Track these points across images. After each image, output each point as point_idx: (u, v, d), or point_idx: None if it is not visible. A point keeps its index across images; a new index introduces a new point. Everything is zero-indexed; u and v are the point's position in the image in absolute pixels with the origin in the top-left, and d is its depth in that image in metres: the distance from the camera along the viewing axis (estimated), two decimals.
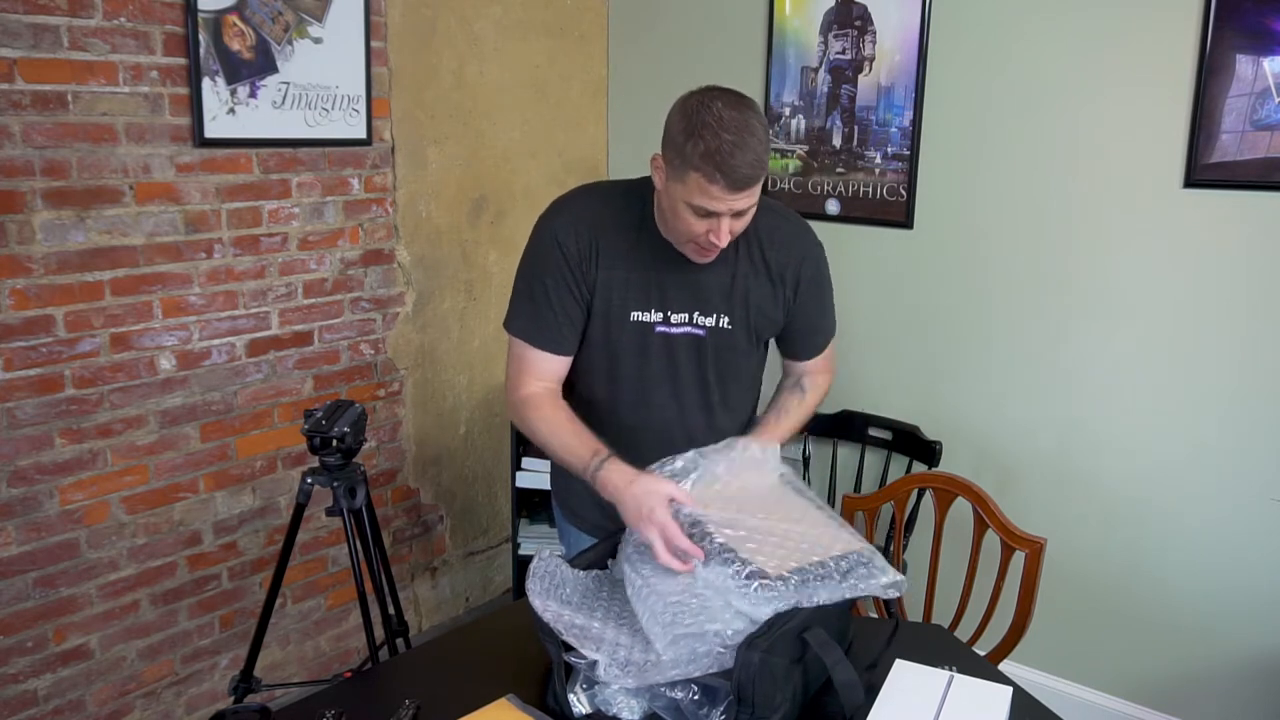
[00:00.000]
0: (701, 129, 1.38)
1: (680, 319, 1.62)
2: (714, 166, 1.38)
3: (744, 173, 1.39)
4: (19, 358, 2.12)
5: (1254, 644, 2.42)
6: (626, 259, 1.59)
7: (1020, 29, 2.55)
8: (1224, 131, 2.29)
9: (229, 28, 2.32)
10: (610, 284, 1.59)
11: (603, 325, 1.62)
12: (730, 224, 1.46)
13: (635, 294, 1.60)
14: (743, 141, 1.38)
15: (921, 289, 2.82)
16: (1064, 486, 2.64)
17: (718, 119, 1.38)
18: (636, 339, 1.62)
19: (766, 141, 1.43)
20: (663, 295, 1.61)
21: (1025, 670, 2.70)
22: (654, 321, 1.62)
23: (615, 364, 1.65)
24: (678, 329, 1.62)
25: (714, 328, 1.63)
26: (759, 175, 1.42)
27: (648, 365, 1.65)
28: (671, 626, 1.20)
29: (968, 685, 1.29)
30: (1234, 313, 2.35)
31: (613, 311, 1.61)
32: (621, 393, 1.68)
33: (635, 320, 1.61)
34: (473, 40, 2.94)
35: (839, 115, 2.88)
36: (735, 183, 1.40)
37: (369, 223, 2.75)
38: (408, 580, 3.06)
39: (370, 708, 1.34)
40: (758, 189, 1.45)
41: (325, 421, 2.12)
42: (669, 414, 1.68)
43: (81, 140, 2.14)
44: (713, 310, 1.62)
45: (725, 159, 1.37)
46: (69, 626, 2.28)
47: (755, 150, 1.39)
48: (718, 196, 1.41)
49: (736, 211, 1.45)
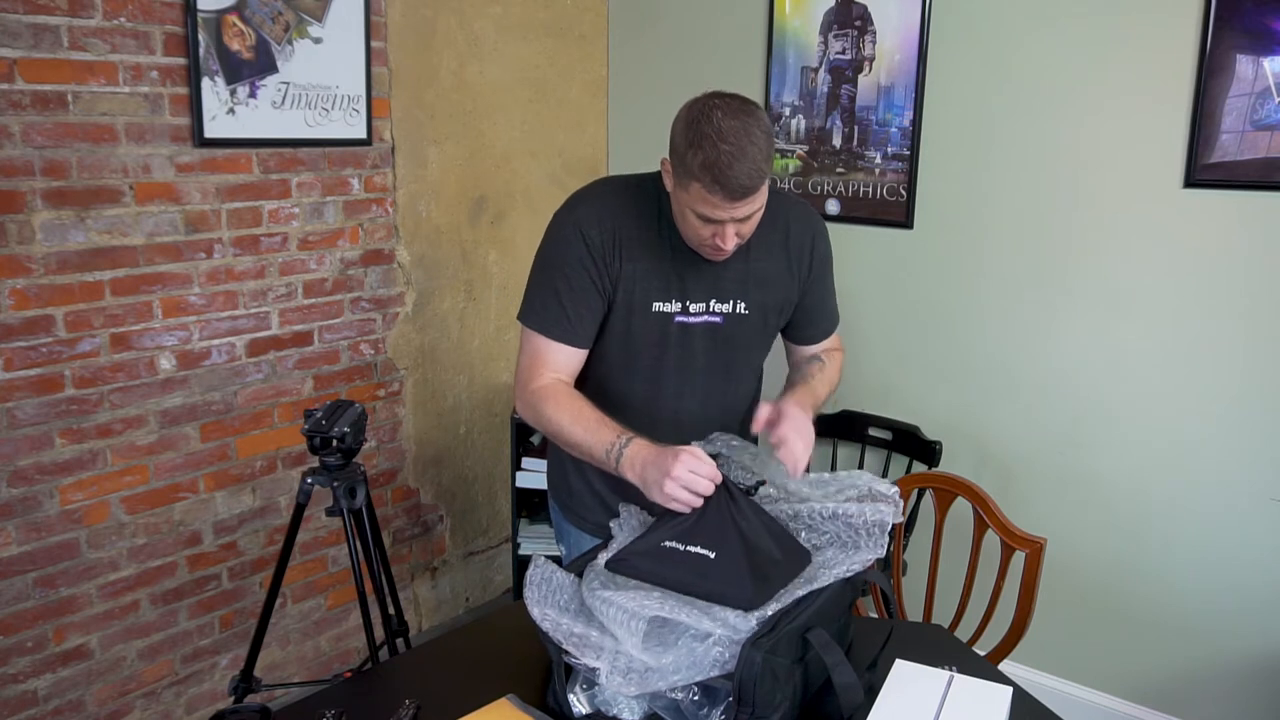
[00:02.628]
0: (701, 139, 1.39)
1: (698, 308, 1.63)
2: (713, 178, 1.39)
3: (742, 183, 1.40)
4: (19, 358, 2.11)
5: (1254, 644, 2.42)
6: (649, 250, 1.60)
7: (1020, 29, 2.55)
8: (1224, 131, 2.28)
9: (229, 28, 2.32)
10: (634, 275, 1.59)
11: (624, 316, 1.62)
12: (736, 229, 1.48)
13: (657, 284, 1.61)
14: (741, 151, 1.38)
15: (921, 289, 2.82)
16: (1064, 486, 2.64)
17: (717, 130, 1.38)
18: (657, 330, 1.63)
19: (768, 148, 1.43)
20: (682, 285, 1.61)
21: (1025, 670, 2.70)
22: (674, 312, 1.62)
23: (633, 355, 1.66)
24: (696, 318, 1.63)
25: (731, 314, 1.64)
26: (758, 184, 1.42)
27: (665, 355, 1.65)
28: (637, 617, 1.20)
29: (968, 685, 1.29)
30: (1234, 313, 2.35)
31: (635, 303, 1.61)
32: (637, 383, 1.68)
33: (656, 311, 1.62)
34: (472, 40, 2.94)
35: (839, 115, 2.88)
36: (733, 193, 1.40)
37: (369, 223, 2.75)
38: (408, 580, 3.06)
39: (370, 708, 1.34)
40: (761, 196, 1.46)
41: (325, 421, 2.12)
42: (684, 404, 1.68)
43: (81, 140, 2.14)
44: (729, 297, 1.64)
45: (723, 170, 1.38)
46: (69, 626, 2.28)
47: (754, 159, 1.39)
48: (718, 205, 1.42)
49: (740, 218, 1.46)
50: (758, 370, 1.80)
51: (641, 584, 1.31)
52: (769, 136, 1.44)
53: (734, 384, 1.72)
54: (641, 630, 1.18)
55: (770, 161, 1.44)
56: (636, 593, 1.25)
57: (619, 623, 1.20)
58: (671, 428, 1.63)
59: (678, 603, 1.23)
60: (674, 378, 1.67)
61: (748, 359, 1.73)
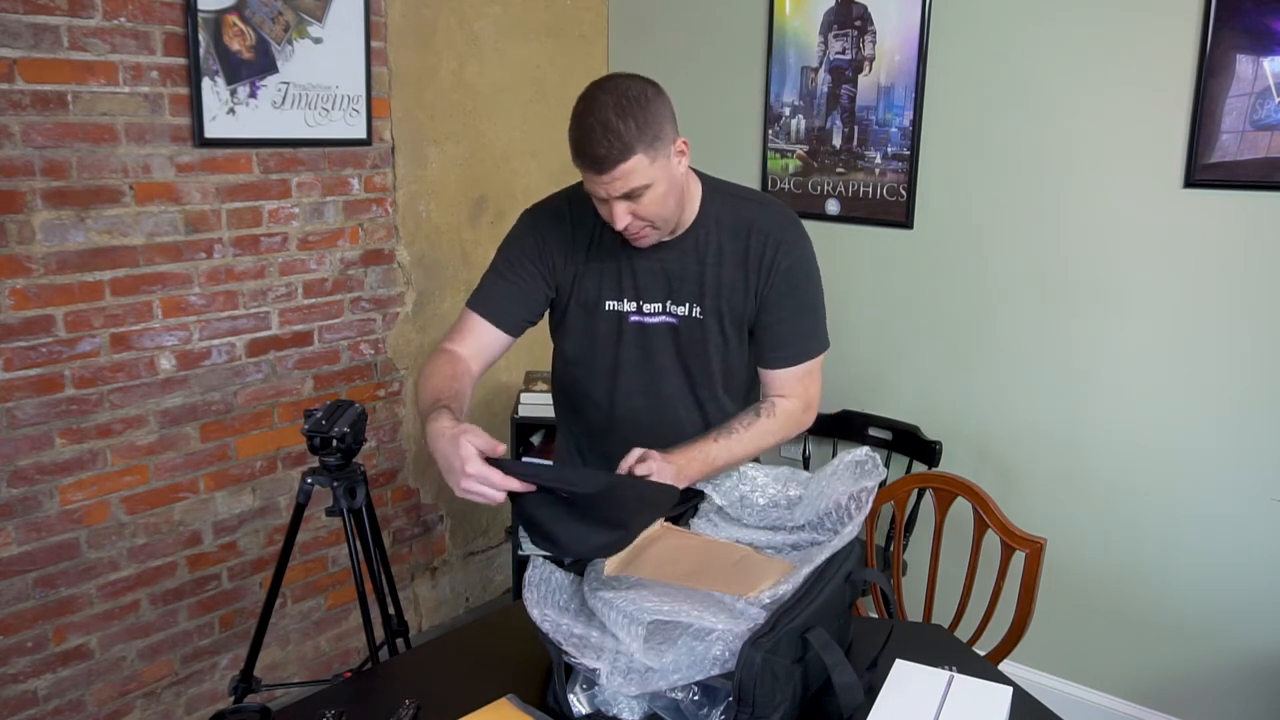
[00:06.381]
0: (572, 118, 1.45)
1: (654, 308, 1.63)
2: (575, 151, 1.44)
3: (599, 153, 1.40)
4: (19, 358, 2.11)
5: (1254, 644, 2.42)
6: (603, 250, 1.61)
7: (1020, 29, 2.55)
8: (1224, 131, 2.28)
9: (229, 28, 2.32)
10: (586, 273, 1.62)
11: (579, 314, 1.64)
12: (624, 206, 1.47)
13: (609, 283, 1.62)
14: (595, 123, 1.40)
15: (921, 289, 2.82)
16: (1064, 486, 2.64)
17: (581, 106, 1.44)
18: (611, 328, 1.64)
19: (632, 119, 1.40)
20: (635, 284, 1.62)
21: (1025, 670, 2.70)
22: (628, 311, 1.63)
23: (591, 353, 1.67)
24: (652, 318, 1.63)
25: (687, 316, 1.63)
26: (619, 156, 1.41)
27: (623, 354, 1.65)
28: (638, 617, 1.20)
29: (968, 685, 1.29)
30: (1234, 313, 2.35)
31: (588, 300, 1.63)
32: (596, 381, 1.69)
33: (609, 309, 1.63)
34: (472, 40, 2.94)
35: (839, 115, 2.88)
36: (595, 163, 1.42)
37: (369, 223, 2.75)
38: (408, 580, 3.06)
39: (370, 708, 1.34)
40: (631, 171, 1.43)
41: (325, 421, 2.12)
42: (651, 403, 1.68)
43: (81, 140, 2.14)
44: (684, 299, 1.62)
45: (579, 143, 1.42)
46: (69, 626, 2.28)
47: (613, 129, 1.39)
48: (593, 180, 1.45)
49: (617, 194, 1.45)
50: (734, 383, 1.72)
51: (641, 584, 1.31)
52: (638, 106, 1.41)
53: (699, 391, 1.68)
54: (642, 635, 1.18)
55: (636, 135, 1.41)
56: (636, 593, 1.25)
57: (620, 625, 1.20)
58: (630, 427, 1.65)
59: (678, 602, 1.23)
60: (636, 378, 1.67)
61: (708, 366, 1.66)
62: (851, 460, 1.47)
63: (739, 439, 1.58)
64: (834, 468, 1.48)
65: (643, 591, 1.27)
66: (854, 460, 1.47)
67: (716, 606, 1.23)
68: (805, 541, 1.48)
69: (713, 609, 1.23)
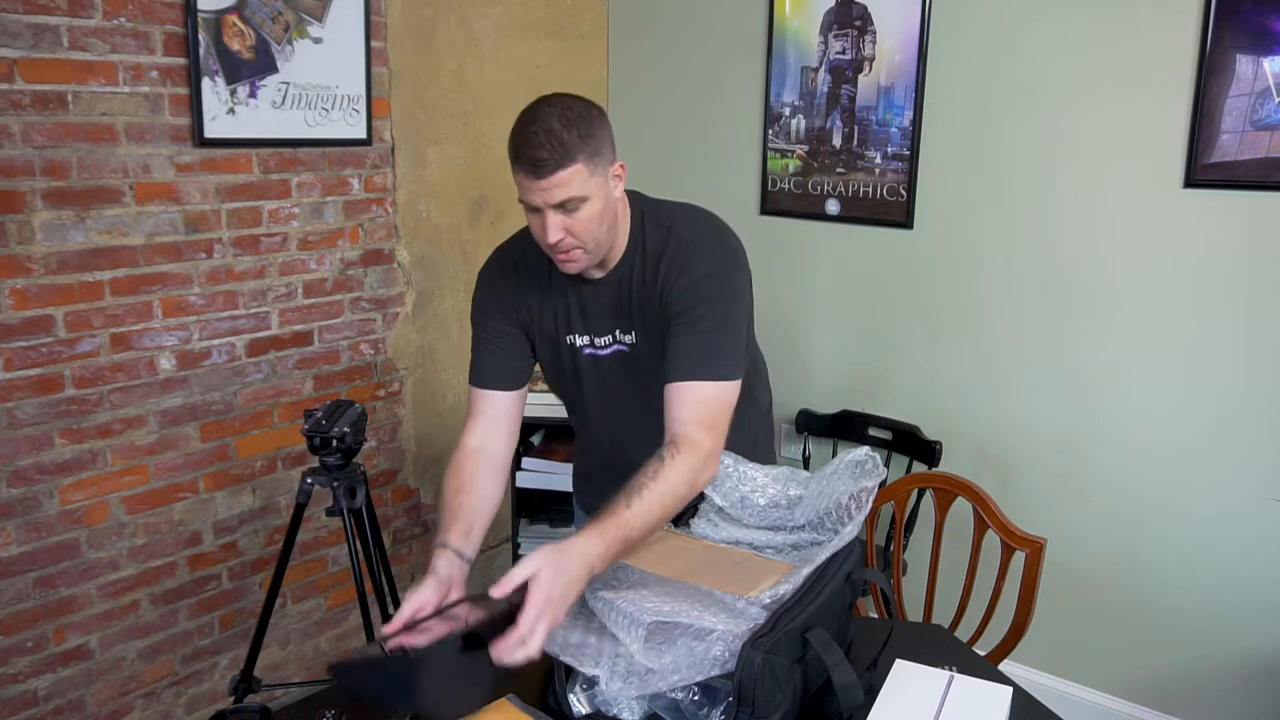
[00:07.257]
0: (514, 126, 1.45)
1: (605, 341, 1.64)
2: (514, 153, 1.44)
3: (540, 156, 1.40)
4: (19, 358, 2.11)
5: (1254, 644, 2.42)
6: (555, 286, 1.62)
7: (1020, 29, 2.55)
8: (1224, 131, 2.28)
9: (229, 28, 2.32)
10: (543, 311, 1.64)
11: (549, 349, 1.67)
12: (558, 220, 1.45)
13: (563, 318, 1.64)
14: (542, 129, 1.40)
15: (921, 289, 2.81)
16: (1064, 486, 2.64)
17: (524, 115, 1.44)
18: (573, 362, 1.66)
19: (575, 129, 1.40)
20: (585, 318, 1.63)
21: (1025, 670, 2.70)
22: (582, 345, 1.65)
23: (566, 386, 1.72)
24: (604, 350, 1.64)
25: (633, 343, 1.63)
26: (560, 161, 1.40)
27: (585, 385, 1.68)
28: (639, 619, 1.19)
29: (968, 685, 1.29)
30: (1234, 313, 2.35)
31: (551, 336, 1.65)
32: (581, 412, 1.75)
33: (569, 343, 1.65)
34: (472, 40, 2.94)
35: (839, 115, 2.88)
36: (535, 166, 1.40)
37: (369, 223, 2.75)
38: (408, 580, 3.05)
39: (370, 708, 1.34)
40: (570, 179, 1.41)
41: (325, 421, 2.12)
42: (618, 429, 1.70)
43: (81, 140, 2.14)
44: (630, 328, 1.62)
45: (524, 147, 1.42)
46: (69, 626, 2.28)
47: (556, 135, 1.39)
48: (528, 186, 1.44)
49: (551, 202, 1.44)
50: None
51: (640, 584, 1.31)
52: (582, 120, 1.42)
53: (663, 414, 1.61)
54: (642, 636, 1.19)
55: (578, 144, 1.41)
56: (637, 593, 1.25)
57: (620, 626, 1.20)
58: (615, 451, 1.66)
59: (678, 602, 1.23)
60: (597, 404, 1.70)
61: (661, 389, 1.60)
62: (852, 460, 1.47)
63: (653, 494, 1.37)
64: (834, 468, 1.48)
65: (643, 591, 1.27)
66: (854, 460, 1.47)
67: (717, 606, 1.23)
68: (805, 541, 1.48)
69: (713, 609, 1.23)
